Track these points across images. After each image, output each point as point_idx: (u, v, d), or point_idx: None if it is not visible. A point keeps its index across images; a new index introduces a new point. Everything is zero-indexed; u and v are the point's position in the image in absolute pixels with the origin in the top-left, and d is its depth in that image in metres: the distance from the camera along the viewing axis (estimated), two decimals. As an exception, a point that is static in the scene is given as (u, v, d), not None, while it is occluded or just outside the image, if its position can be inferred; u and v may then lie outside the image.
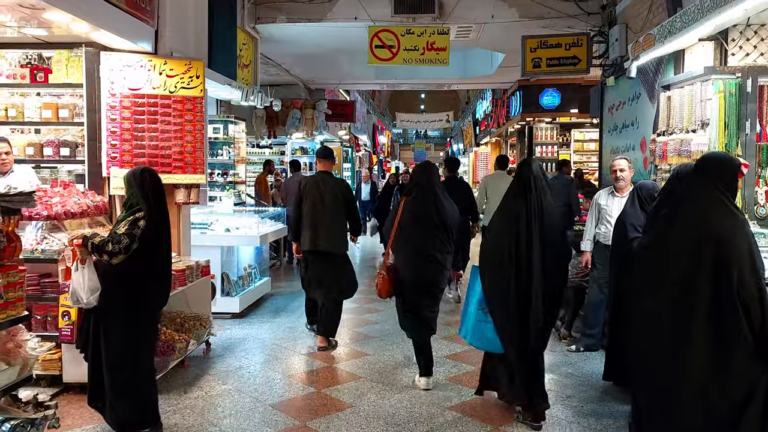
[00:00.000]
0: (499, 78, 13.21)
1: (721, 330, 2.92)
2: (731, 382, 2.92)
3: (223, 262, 7.17)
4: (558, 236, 4.19)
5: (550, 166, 14.16)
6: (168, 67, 5.82)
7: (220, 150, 8.45)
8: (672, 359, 3.06)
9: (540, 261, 3.96)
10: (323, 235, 5.80)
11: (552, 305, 4.09)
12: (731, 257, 2.92)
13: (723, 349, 2.92)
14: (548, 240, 4.01)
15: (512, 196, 4.20)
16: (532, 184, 4.08)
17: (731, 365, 2.92)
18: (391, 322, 6.90)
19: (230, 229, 7.22)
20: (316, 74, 12.82)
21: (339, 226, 5.91)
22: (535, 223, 3.99)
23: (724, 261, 2.92)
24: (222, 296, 7.12)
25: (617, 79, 7.78)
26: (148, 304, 3.99)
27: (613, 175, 5.57)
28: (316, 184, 5.95)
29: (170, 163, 5.88)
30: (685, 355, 3.01)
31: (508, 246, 4.03)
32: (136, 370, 3.90)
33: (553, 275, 4.03)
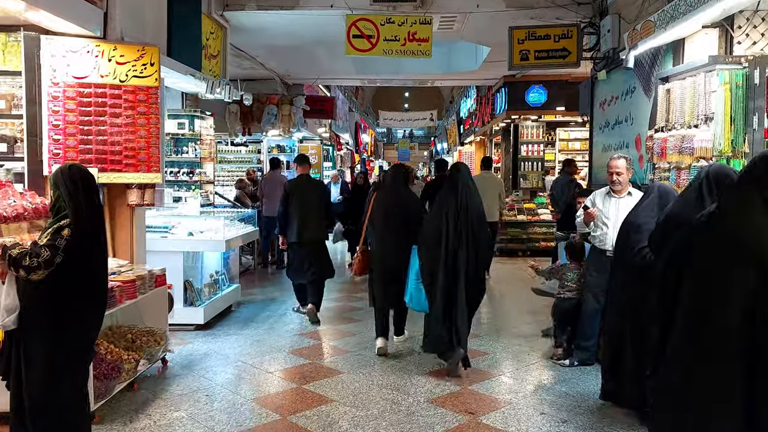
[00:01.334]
0: (484, 74, 12.73)
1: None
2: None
3: (185, 269, 6.59)
4: (479, 227, 5.13)
5: (536, 166, 13.72)
6: (118, 53, 5.24)
7: (186, 147, 7.85)
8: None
9: (464, 246, 4.99)
10: (309, 227, 6.89)
11: (474, 281, 5.09)
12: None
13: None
14: (471, 229, 5.04)
15: (444, 193, 5.26)
16: (459, 185, 5.15)
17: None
18: (369, 333, 6.38)
19: (193, 233, 6.63)
20: (292, 68, 12.22)
21: (320, 219, 7.07)
22: (460, 215, 5.04)
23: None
24: (184, 306, 6.55)
25: (609, 73, 7.32)
26: (77, 325, 3.40)
27: (610, 177, 5.10)
28: (300, 185, 7.11)
29: (121, 160, 5.30)
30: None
31: (439, 232, 5.05)
32: (62, 399, 3.33)
33: (474, 259, 5.05)
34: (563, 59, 7.52)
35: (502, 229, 12.19)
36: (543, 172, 13.89)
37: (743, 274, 2.41)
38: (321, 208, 7.04)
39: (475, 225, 5.08)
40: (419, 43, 7.60)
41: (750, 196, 2.49)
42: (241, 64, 11.23)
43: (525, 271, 10.48)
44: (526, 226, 12.36)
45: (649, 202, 4.32)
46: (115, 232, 5.50)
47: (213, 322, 6.78)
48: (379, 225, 5.76)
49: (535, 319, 6.99)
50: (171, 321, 6.27)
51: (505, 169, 15.59)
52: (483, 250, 5.22)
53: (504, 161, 15.71)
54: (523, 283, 9.37)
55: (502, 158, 16.09)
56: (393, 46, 7.64)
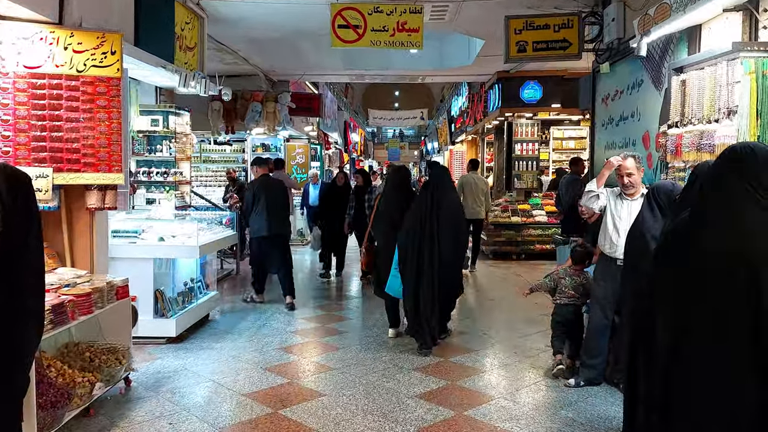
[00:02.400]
0: (477, 69, 12.24)
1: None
2: None
3: (156, 277, 6.05)
4: (453, 222, 5.71)
5: (530, 165, 13.26)
6: (75, 40, 4.70)
7: (159, 145, 7.30)
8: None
9: (435, 239, 5.52)
10: (276, 222, 7.52)
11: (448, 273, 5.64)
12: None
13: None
14: (445, 223, 5.57)
15: (422, 190, 5.96)
16: (434, 183, 5.83)
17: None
18: (354, 346, 5.87)
19: (164, 238, 6.09)
20: (277, 63, 11.67)
21: (284, 215, 7.91)
22: (433, 211, 5.56)
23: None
24: (155, 318, 6.02)
25: (613, 65, 6.84)
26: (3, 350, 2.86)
27: (621, 179, 4.62)
28: (264, 185, 7.66)
29: (79, 159, 4.76)
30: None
31: (414, 225, 5.60)
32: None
33: (447, 251, 5.58)
34: (564, 51, 7.04)
35: (495, 231, 11.77)
36: (538, 172, 13.42)
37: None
38: (285, 205, 7.91)
39: (448, 220, 5.63)
40: (409, 34, 7.10)
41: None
42: (223, 58, 10.68)
43: (520, 277, 10.02)
44: (521, 228, 11.89)
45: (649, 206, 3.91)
46: (74, 239, 4.96)
47: (186, 334, 6.25)
48: (386, 226, 6.20)
49: (534, 330, 6.50)
50: (140, 334, 5.79)
51: (498, 168, 15.11)
52: (457, 243, 5.83)
53: (497, 161, 15.22)
54: (518, 289, 8.89)
55: (495, 157, 15.60)
56: (381, 36, 7.13)
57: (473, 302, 7.81)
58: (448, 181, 6.07)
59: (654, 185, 4.18)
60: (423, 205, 5.64)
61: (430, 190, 5.71)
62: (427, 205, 5.59)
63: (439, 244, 5.53)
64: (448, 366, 5.35)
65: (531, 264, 11.31)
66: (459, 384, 4.90)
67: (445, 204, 5.63)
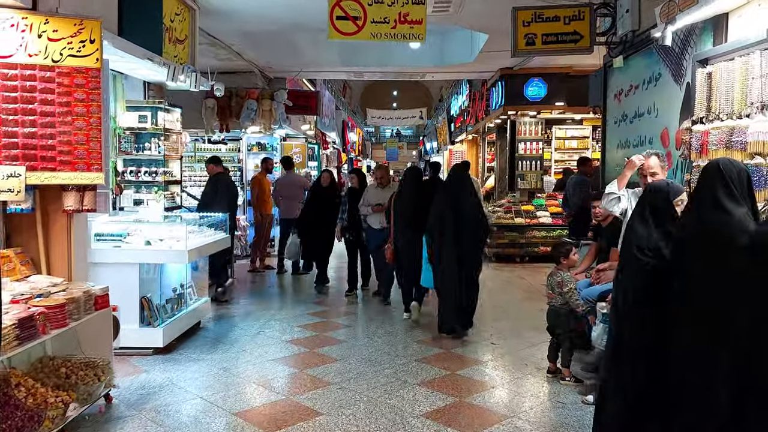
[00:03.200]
0: (479, 66, 11.86)
1: None
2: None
3: (142, 284, 5.67)
4: (469, 217, 6.21)
5: (534, 165, 12.89)
6: (51, 27, 4.32)
7: (148, 143, 6.90)
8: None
9: (455, 231, 6.13)
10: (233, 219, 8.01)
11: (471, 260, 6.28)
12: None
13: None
14: (462, 218, 6.16)
15: (442, 189, 6.62)
16: (451, 182, 6.60)
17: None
18: (353, 358, 5.49)
19: (151, 242, 5.71)
20: (273, 59, 11.27)
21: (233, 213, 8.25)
22: (451, 207, 6.20)
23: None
24: (141, 327, 5.65)
25: (627, 59, 6.47)
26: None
27: (644, 180, 4.26)
28: (226, 183, 8.43)
29: (54, 157, 4.38)
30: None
31: (439, 221, 6.25)
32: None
33: (467, 242, 6.18)
34: (575, 44, 6.66)
35: (498, 233, 11.40)
36: (542, 172, 13.04)
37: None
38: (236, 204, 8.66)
39: (466, 221, 6.21)
40: (411, 26, 6.71)
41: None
42: (216, 54, 10.29)
43: (524, 280, 9.66)
44: (524, 230, 11.52)
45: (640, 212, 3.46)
46: (50, 244, 4.58)
47: (175, 343, 5.87)
48: (404, 224, 6.90)
49: (542, 339, 6.12)
50: (125, 344, 5.45)
51: (500, 169, 14.73)
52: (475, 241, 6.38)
53: (499, 160, 14.85)
54: (524, 294, 8.54)
55: (497, 157, 15.23)
56: (382, 29, 6.75)
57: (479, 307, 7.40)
58: (467, 180, 6.65)
59: (649, 187, 3.77)
60: (447, 203, 6.27)
61: (451, 189, 6.44)
62: (448, 205, 6.25)
63: (470, 240, 6.21)
64: (455, 380, 4.97)
65: (535, 267, 10.93)
66: (468, 401, 4.53)
67: (463, 200, 6.30)
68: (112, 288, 5.09)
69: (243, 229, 11.63)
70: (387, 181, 8.03)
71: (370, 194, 7.84)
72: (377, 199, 7.69)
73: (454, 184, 6.47)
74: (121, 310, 5.41)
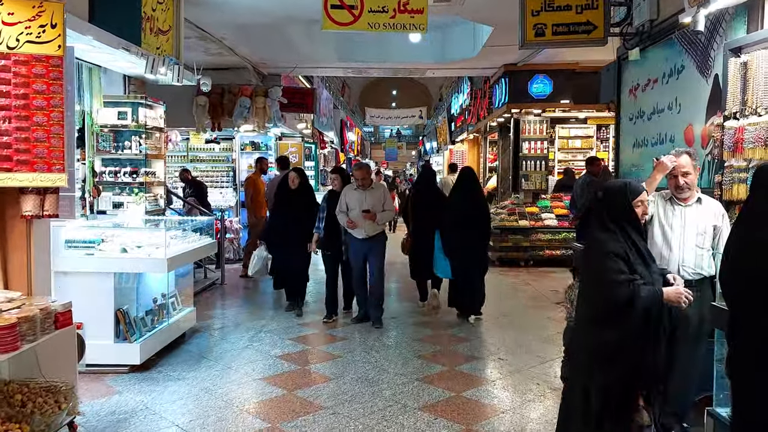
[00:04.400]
0: (482, 62, 11.37)
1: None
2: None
3: (118, 294, 5.19)
4: (483, 213, 7.11)
5: (539, 165, 12.39)
6: (6, 9, 3.82)
7: (128, 141, 6.42)
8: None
9: (466, 226, 6.80)
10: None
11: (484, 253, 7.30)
12: None
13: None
14: (472, 215, 6.89)
15: (455, 189, 7.31)
16: (463, 182, 7.20)
17: None
18: (348, 375, 5.00)
19: (127, 249, 5.23)
20: (266, 54, 10.77)
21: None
22: (465, 204, 6.95)
23: None
24: (116, 342, 5.17)
25: (644, 51, 5.99)
26: None
27: (675, 180, 3.76)
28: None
29: (10, 156, 3.86)
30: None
31: (453, 217, 6.90)
32: None
33: (482, 236, 7.10)
34: (587, 35, 6.17)
35: (501, 236, 10.95)
36: (547, 173, 12.56)
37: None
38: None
39: (478, 218, 6.99)
40: (412, 15, 6.24)
41: None
42: (207, 48, 9.80)
43: (530, 286, 9.19)
44: (529, 233, 11.05)
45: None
46: (7, 254, 4.07)
47: (155, 359, 5.40)
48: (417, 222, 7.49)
49: (553, 353, 5.66)
50: (99, 361, 5.02)
51: (503, 169, 14.27)
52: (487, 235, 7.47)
53: (501, 160, 14.38)
54: (530, 301, 8.06)
55: (499, 157, 14.78)
56: (380, 18, 6.28)
57: (486, 317, 6.96)
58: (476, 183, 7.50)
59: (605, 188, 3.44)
60: (460, 201, 7.06)
61: (463, 192, 7.12)
62: (463, 205, 7.00)
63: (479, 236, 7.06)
64: (461, 403, 4.49)
65: (540, 271, 10.49)
66: (476, 429, 4.04)
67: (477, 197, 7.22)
68: (84, 300, 4.66)
69: (236, 232, 11.16)
70: (369, 182, 6.70)
71: (348, 198, 6.58)
72: (360, 204, 6.49)
73: (470, 184, 7.24)
74: (94, 323, 4.96)
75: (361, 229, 6.53)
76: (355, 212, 6.49)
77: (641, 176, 6.04)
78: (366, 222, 6.47)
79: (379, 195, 6.66)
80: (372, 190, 6.66)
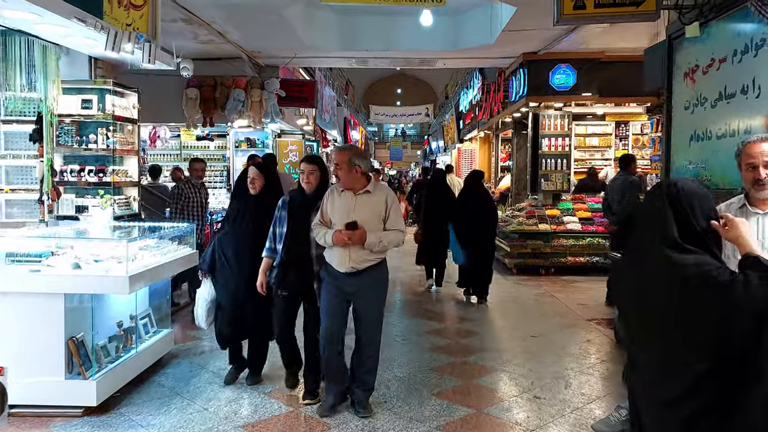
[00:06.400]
0: (498, 51, 10.35)
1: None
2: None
3: (70, 320, 4.23)
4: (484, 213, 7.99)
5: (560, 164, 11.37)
6: None
7: (94, 134, 5.47)
8: None
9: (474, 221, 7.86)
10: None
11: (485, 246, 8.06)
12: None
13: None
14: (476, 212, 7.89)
15: (464, 190, 8.34)
16: (470, 184, 8.24)
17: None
18: (354, 421, 4.01)
19: (81, 265, 4.27)
20: (262, 42, 9.77)
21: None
22: (473, 205, 7.96)
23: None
24: (69, 378, 4.22)
25: (706, 26, 5.01)
26: None
27: (752, 173, 2.73)
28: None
29: None
30: None
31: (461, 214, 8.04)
32: None
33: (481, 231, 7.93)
34: (636, 7, 5.18)
35: (519, 241, 9.98)
36: (569, 172, 11.54)
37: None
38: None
39: (487, 215, 7.98)
40: (428, -15, 5.27)
41: None
42: (196, 34, 8.84)
43: (555, 298, 8.20)
44: (550, 238, 10.06)
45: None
46: None
47: (119, 396, 4.45)
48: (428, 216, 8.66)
49: (598, 389, 4.68)
50: (47, 402, 4.11)
51: (518, 168, 13.25)
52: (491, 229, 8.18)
53: (516, 159, 13.36)
54: (560, 318, 7.06)
55: (513, 156, 13.76)
56: (391, -12, 5.31)
57: (512, 339, 6.02)
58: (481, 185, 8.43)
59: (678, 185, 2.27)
60: (468, 201, 8.02)
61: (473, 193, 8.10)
62: (472, 200, 7.97)
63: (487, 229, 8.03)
64: (495, 466, 3.51)
65: (563, 280, 9.52)
66: None
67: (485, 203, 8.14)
68: (27, 326, 3.82)
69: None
70: (359, 181, 4.16)
71: (331, 206, 4.17)
72: (348, 214, 4.05)
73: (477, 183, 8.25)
74: (39, 356, 4.09)
75: (342, 256, 4.03)
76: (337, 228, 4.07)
77: (700, 175, 5.08)
78: (350, 246, 4.01)
79: (380, 203, 4.13)
80: (366, 195, 4.13)
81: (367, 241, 3.96)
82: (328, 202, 4.18)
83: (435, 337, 6.26)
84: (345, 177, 4.10)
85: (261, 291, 4.45)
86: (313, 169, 4.42)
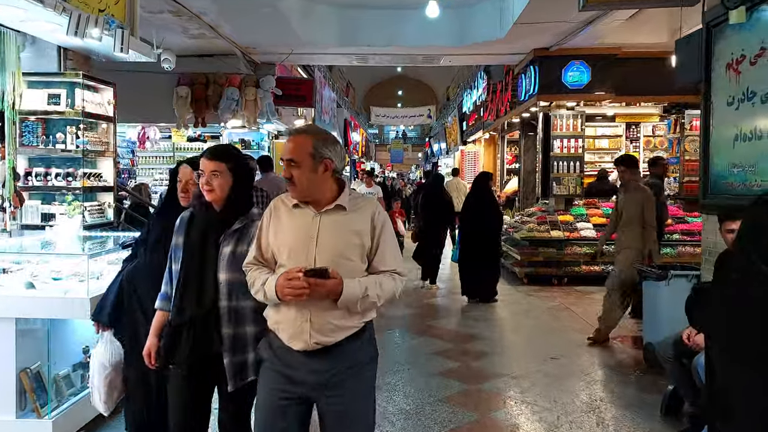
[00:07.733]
0: (507, 47, 9.74)
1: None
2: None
3: (22, 348, 3.63)
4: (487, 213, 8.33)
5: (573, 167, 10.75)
6: None
7: (62, 133, 4.87)
8: None
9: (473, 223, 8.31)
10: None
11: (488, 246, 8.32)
12: None
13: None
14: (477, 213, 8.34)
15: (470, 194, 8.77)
16: (475, 188, 8.60)
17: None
18: None
19: (35, 284, 3.66)
20: (256, 37, 9.16)
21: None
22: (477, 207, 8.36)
23: None
24: (20, 416, 3.61)
25: (753, 10, 4.40)
26: None
27: None
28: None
29: None
30: None
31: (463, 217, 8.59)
32: None
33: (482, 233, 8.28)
34: (673, -10, 4.60)
35: (530, 249, 9.38)
36: (582, 175, 10.91)
37: None
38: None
39: (485, 217, 8.32)
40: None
41: None
42: (185, 28, 8.27)
43: (571, 311, 7.59)
44: (563, 245, 9.45)
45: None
46: None
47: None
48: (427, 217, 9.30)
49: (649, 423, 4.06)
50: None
51: (526, 171, 12.66)
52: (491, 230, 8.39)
53: (524, 161, 12.76)
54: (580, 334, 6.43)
55: (520, 158, 13.16)
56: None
57: (529, 361, 5.41)
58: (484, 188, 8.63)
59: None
60: (472, 205, 8.48)
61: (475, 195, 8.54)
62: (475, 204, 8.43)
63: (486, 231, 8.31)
64: None
65: (577, 291, 8.91)
66: None
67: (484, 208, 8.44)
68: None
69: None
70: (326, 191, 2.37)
71: (283, 230, 2.35)
72: (306, 244, 2.29)
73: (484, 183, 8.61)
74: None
75: (298, 321, 2.25)
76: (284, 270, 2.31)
77: (748, 180, 4.47)
78: (311, 304, 2.23)
79: (361, 225, 2.33)
80: (338, 213, 2.33)
81: (343, 294, 2.18)
82: (271, 224, 2.38)
83: (443, 359, 5.63)
84: (304, 180, 2.27)
85: (148, 362, 2.70)
86: (216, 168, 2.60)
